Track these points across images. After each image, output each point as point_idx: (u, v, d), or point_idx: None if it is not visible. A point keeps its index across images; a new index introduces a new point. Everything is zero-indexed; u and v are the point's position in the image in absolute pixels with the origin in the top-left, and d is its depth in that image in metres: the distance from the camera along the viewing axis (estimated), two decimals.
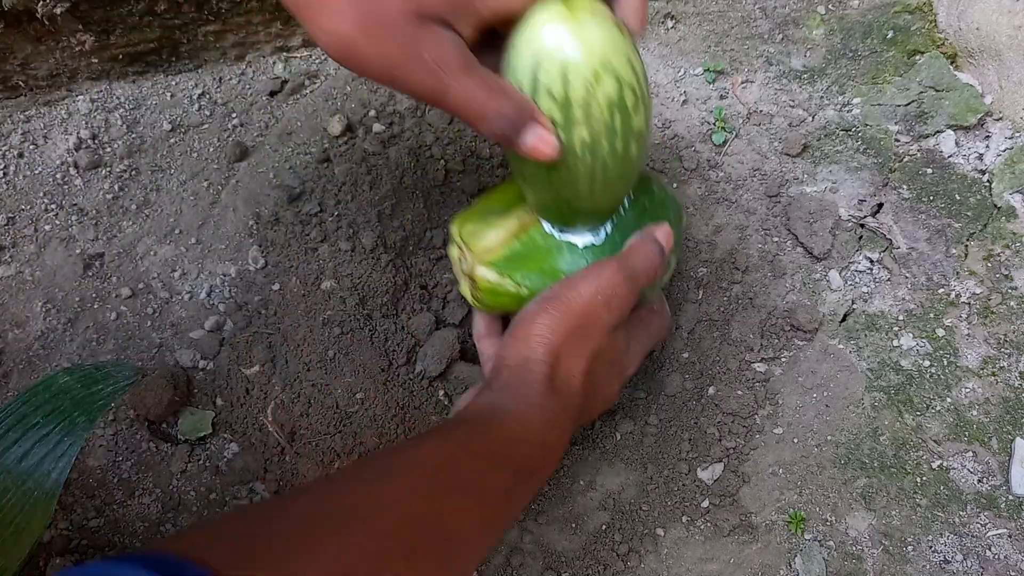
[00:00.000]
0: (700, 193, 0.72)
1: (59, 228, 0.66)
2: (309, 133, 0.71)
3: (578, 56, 0.39)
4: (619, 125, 0.43)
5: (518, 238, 0.53)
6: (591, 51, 0.39)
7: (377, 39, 0.38)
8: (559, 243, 0.53)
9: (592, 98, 0.41)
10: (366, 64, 0.39)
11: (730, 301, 0.68)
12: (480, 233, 0.53)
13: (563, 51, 0.39)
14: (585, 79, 0.40)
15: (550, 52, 0.39)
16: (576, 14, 0.39)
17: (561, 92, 0.40)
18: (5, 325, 0.63)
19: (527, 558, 0.60)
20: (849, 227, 0.70)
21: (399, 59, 0.38)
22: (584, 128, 0.42)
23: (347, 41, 0.38)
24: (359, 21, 0.37)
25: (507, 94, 0.41)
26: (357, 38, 0.38)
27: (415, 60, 0.38)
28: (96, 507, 0.60)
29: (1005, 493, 0.62)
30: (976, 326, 0.66)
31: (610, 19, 0.40)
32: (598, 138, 0.43)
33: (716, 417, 0.65)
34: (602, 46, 0.40)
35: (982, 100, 0.71)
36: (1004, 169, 0.69)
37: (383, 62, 0.39)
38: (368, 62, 0.39)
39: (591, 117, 0.42)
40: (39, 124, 0.68)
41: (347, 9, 0.37)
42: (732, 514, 0.61)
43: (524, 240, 0.53)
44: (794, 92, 0.75)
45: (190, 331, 0.65)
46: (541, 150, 0.42)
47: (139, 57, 0.68)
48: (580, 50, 0.39)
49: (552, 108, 0.41)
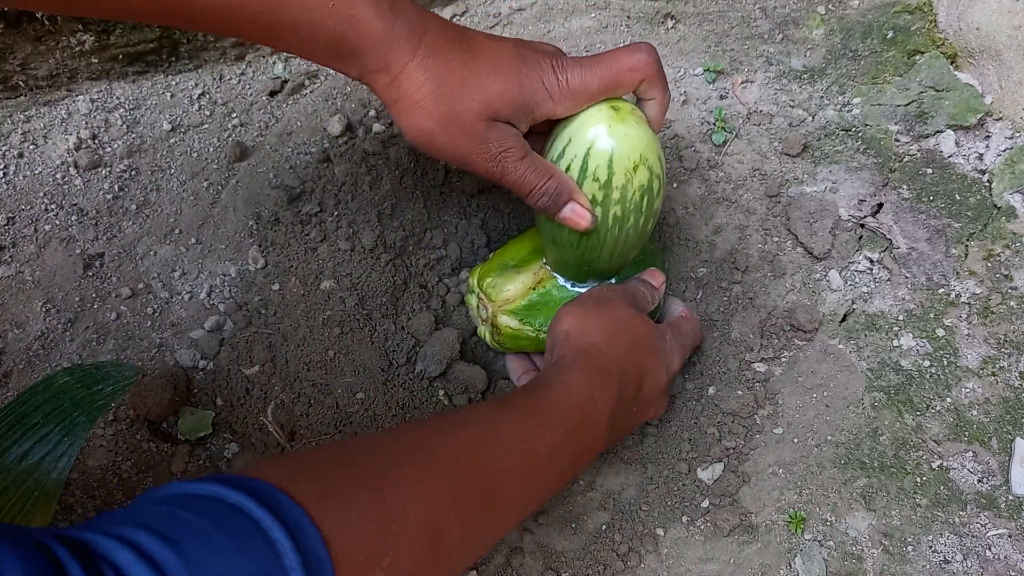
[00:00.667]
0: (700, 193, 0.72)
1: (59, 228, 0.66)
2: (309, 133, 0.71)
3: (623, 151, 0.51)
4: (645, 206, 0.54)
5: (535, 290, 0.62)
6: (633, 148, 0.51)
7: (455, 135, 0.48)
8: (571, 294, 0.62)
9: (629, 183, 0.52)
10: (442, 151, 0.49)
11: (730, 301, 0.68)
12: (500, 286, 0.63)
13: (612, 145, 0.50)
14: (626, 169, 0.51)
15: (601, 145, 0.50)
16: (624, 118, 0.50)
17: (605, 177, 0.51)
18: (5, 325, 0.63)
19: (527, 558, 0.60)
20: (849, 227, 0.70)
21: (469, 149, 0.49)
22: (619, 206, 0.53)
23: (430, 135, 0.48)
24: (441, 120, 0.47)
25: (554, 176, 0.52)
26: (438, 133, 0.48)
27: (483, 151, 0.49)
28: (96, 507, 0.60)
29: (1005, 493, 0.62)
30: (976, 326, 0.66)
31: (646, 122, 0.52)
32: (627, 215, 0.54)
33: (716, 417, 0.65)
34: (641, 144, 0.51)
35: (982, 100, 0.71)
36: (1004, 169, 0.69)
37: (456, 151, 0.49)
38: (444, 150, 0.49)
39: (625, 199, 0.53)
40: (39, 124, 0.68)
41: (433, 110, 0.47)
42: (732, 514, 0.61)
43: (541, 292, 0.62)
44: (794, 92, 0.75)
45: (190, 331, 0.65)
46: (577, 222, 0.53)
47: (139, 57, 0.68)
48: (625, 146, 0.51)
49: (595, 188, 0.52)
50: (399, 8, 0.46)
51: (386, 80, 0.47)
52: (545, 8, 0.76)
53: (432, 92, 0.47)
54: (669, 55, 0.76)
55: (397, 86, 0.47)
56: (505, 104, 0.48)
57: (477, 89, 0.47)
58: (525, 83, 0.49)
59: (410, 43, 0.46)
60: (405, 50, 0.46)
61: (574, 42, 0.76)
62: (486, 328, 0.65)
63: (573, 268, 0.61)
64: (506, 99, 0.48)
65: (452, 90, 0.47)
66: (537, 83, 0.49)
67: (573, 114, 0.52)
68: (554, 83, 0.50)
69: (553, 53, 0.51)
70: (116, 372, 0.55)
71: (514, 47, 0.50)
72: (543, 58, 0.50)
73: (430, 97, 0.47)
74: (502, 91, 0.48)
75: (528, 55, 0.50)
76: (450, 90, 0.47)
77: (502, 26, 0.76)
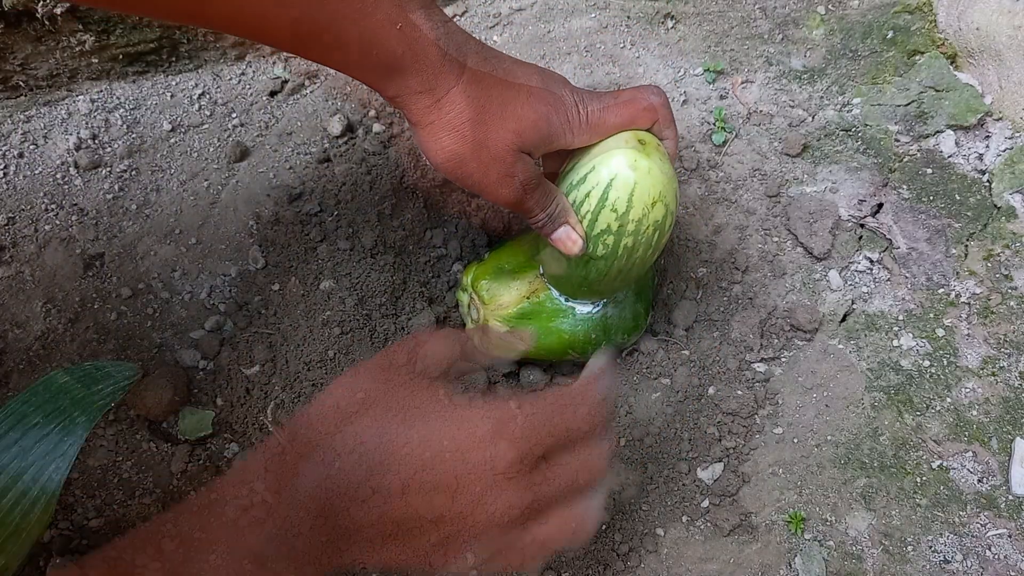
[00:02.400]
0: (700, 193, 0.72)
1: (59, 228, 0.66)
2: (309, 133, 0.71)
3: (645, 186, 0.51)
4: (656, 240, 0.54)
5: (528, 299, 0.63)
6: (654, 184, 0.51)
7: (484, 163, 0.48)
8: (564, 308, 0.63)
9: (645, 218, 0.52)
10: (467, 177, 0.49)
11: (730, 301, 0.68)
12: (494, 291, 0.63)
13: (634, 180, 0.50)
14: (645, 204, 0.51)
15: (624, 178, 0.51)
16: (649, 154, 0.51)
17: (624, 208, 0.52)
18: (5, 325, 0.63)
19: None
20: (849, 227, 0.70)
21: (495, 179, 0.49)
22: (631, 238, 0.53)
23: (460, 160, 0.48)
24: (475, 147, 0.48)
25: (556, 199, 0.52)
26: (469, 160, 0.48)
27: (508, 182, 0.49)
28: (96, 507, 0.60)
29: (1005, 493, 0.62)
30: (976, 326, 0.66)
31: (668, 159, 0.52)
32: (637, 246, 0.54)
33: (716, 417, 0.65)
34: (662, 182, 0.51)
35: (982, 100, 0.71)
36: (1004, 169, 0.69)
37: (482, 179, 0.49)
38: (471, 176, 0.49)
39: (639, 231, 0.53)
40: (39, 124, 0.68)
41: (469, 135, 0.47)
42: (732, 514, 0.61)
43: (535, 302, 0.63)
44: (794, 92, 0.75)
45: (190, 331, 0.65)
46: (569, 246, 0.53)
47: (139, 57, 0.68)
48: (647, 182, 0.51)
49: (611, 218, 0.52)
50: (451, 32, 0.46)
51: (428, 103, 0.47)
52: (545, 8, 0.76)
53: (471, 119, 0.47)
54: (669, 55, 0.76)
55: (439, 108, 0.47)
56: (534, 135, 0.49)
57: (512, 119, 0.48)
58: (552, 116, 0.50)
59: (457, 67, 0.46)
60: (453, 75, 0.46)
61: (574, 42, 0.76)
62: (475, 328, 0.65)
63: (572, 286, 0.61)
64: (536, 130, 0.49)
65: (491, 117, 0.48)
66: (563, 116, 0.50)
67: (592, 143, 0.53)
68: (575, 117, 0.51)
69: (568, 85, 0.52)
70: (116, 372, 0.55)
71: (539, 77, 0.50)
72: (564, 90, 0.51)
73: (468, 124, 0.47)
74: (534, 122, 0.49)
75: (552, 86, 0.50)
76: (488, 117, 0.47)
77: (502, 26, 0.76)
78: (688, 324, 0.68)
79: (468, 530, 0.39)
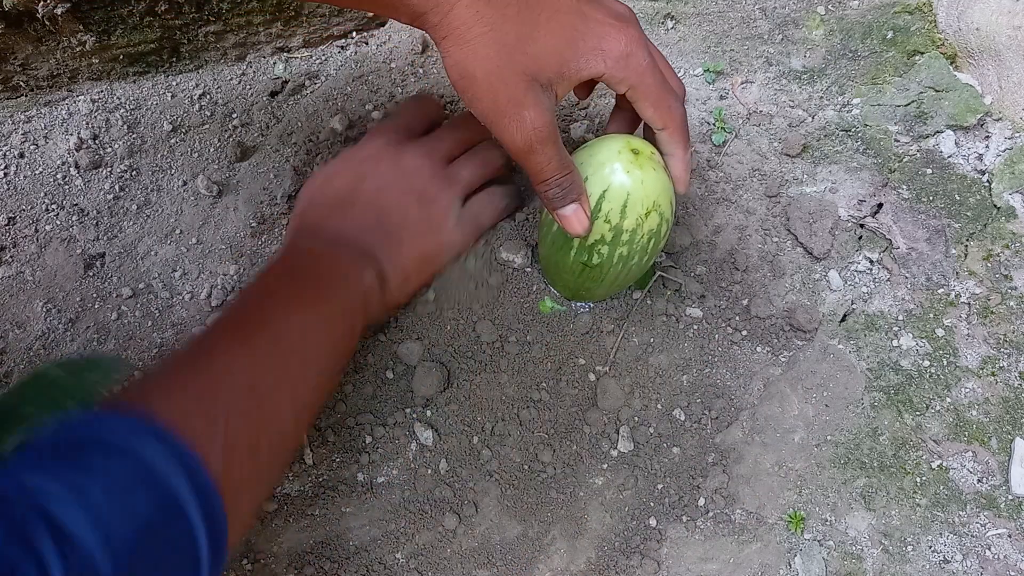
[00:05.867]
0: (700, 193, 0.72)
1: (60, 228, 0.66)
2: (310, 133, 0.71)
3: (638, 195, 0.51)
4: (651, 247, 0.55)
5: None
6: (648, 194, 0.51)
7: (494, 87, 0.45)
8: (559, 309, 0.64)
9: (640, 228, 0.52)
10: (476, 100, 0.46)
11: (730, 301, 0.68)
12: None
13: (628, 189, 0.50)
14: (639, 214, 0.51)
15: (618, 188, 0.51)
16: (644, 164, 0.51)
17: (617, 218, 0.52)
18: (6, 325, 0.63)
19: None
20: (849, 227, 0.70)
21: (503, 110, 0.46)
22: (626, 247, 0.54)
23: (471, 79, 0.45)
24: (485, 66, 0.44)
25: (572, 172, 0.50)
26: (480, 80, 0.45)
27: (515, 119, 0.46)
28: None
29: (1005, 493, 0.62)
30: (976, 326, 0.66)
31: (664, 170, 0.52)
32: (632, 255, 0.54)
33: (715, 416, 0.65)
34: (656, 191, 0.51)
35: (982, 100, 0.71)
36: (1004, 169, 0.69)
37: (490, 106, 0.46)
38: (480, 99, 0.46)
39: (633, 241, 0.53)
40: (40, 124, 0.68)
41: (480, 52, 0.44)
42: (732, 514, 0.61)
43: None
44: (794, 92, 0.75)
45: (191, 331, 0.65)
46: (575, 225, 0.51)
47: (140, 57, 0.68)
48: (641, 191, 0.51)
49: (605, 228, 0.52)
50: None
51: (436, 19, 0.44)
52: None
53: (482, 34, 0.44)
54: (669, 55, 0.76)
55: (448, 23, 0.44)
56: (554, 62, 0.46)
57: (528, 40, 0.45)
58: (580, 42, 0.46)
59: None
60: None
61: None
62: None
63: (568, 290, 0.62)
64: (556, 57, 0.46)
65: (504, 36, 0.44)
66: (594, 44, 0.46)
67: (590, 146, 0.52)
68: (614, 48, 0.47)
69: (626, 17, 0.48)
70: (104, 363, 0.55)
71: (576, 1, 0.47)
72: (609, 18, 0.47)
73: (479, 39, 0.44)
74: (553, 48, 0.45)
75: (590, 12, 0.47)
76: (502, 35, 0.44)
77: None
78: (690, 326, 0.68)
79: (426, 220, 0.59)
